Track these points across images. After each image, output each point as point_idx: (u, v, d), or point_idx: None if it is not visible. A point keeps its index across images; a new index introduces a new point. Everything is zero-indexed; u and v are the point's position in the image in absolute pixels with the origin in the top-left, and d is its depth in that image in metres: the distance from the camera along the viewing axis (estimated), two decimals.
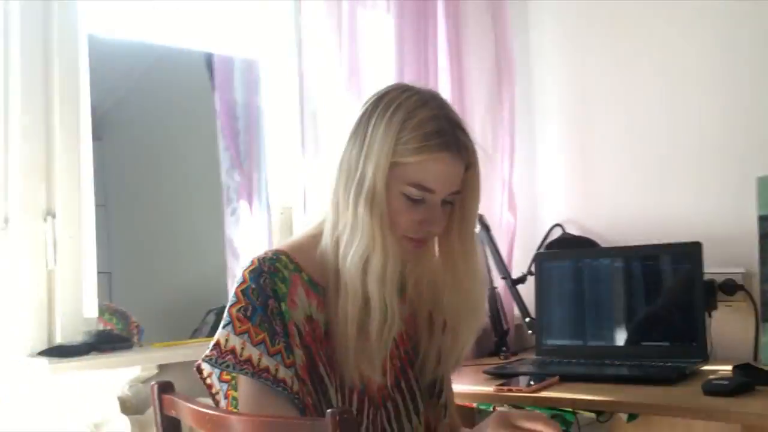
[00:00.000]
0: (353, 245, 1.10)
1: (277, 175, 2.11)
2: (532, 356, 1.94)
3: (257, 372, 1.06)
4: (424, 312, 1.24)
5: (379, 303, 1.09)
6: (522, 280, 2.10)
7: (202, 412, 0.99)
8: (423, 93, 1.15)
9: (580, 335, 1.89)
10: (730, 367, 1.55)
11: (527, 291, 2.07)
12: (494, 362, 1.93)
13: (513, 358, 1.99)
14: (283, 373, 1.06)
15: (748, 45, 1.89)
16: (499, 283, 2.12)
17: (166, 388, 1.10)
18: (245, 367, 1.06)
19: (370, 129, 1.12)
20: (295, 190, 2.13)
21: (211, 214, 2.19)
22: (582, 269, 1.92)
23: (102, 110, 3.07)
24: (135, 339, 1.92)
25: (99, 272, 1.72)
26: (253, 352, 1.06)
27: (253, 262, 1.13)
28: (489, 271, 2.10)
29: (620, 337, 1.82)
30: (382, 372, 1.14)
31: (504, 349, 2.07)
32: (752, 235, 1.78)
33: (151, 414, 1.60)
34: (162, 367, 1.65)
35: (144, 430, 1.53)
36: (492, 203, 2.21)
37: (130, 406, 1.61)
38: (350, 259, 1.10)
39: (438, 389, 1.25)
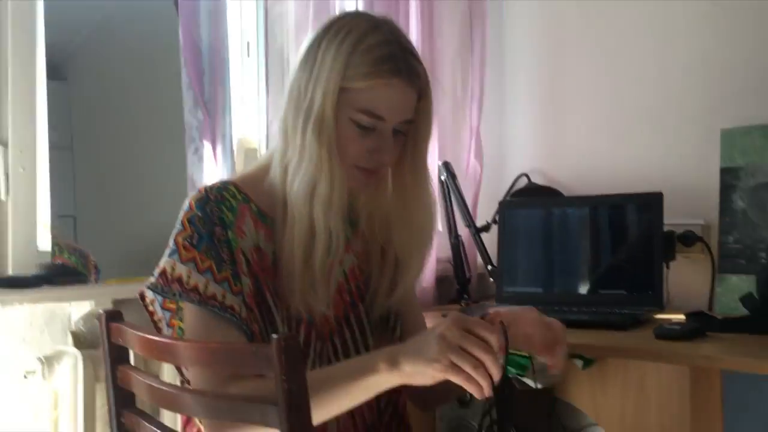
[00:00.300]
0: (300, 172, 1.08)
1: (242, 115, 2.07)
2: (492, 303, 1.95)
3: (204, 299, 1.04)
4: (376, 246, 1.23)
5: (324, 230, 1.08)
6: (486, 228, 2.10)
7: (150, 339, 0.98)
8: (375, 18, 1.13)
9: (540, 283, 1.90)
10: (683, 316, 1.57)
11: (491, 240, 2.07)
12: (455, 309, 1.94)
13: (473, 306, 2.00)
14: (230, 300, 1.05)
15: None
16: (463, 231, 2.12)
17: (114, 316, 1.09)
18: (192, 295, 1.05)
19: (319, 54, 1.09)
20: (259, 130, 2.10)
21: (175, 155, 2.15)
22: (545, 218, 1.92)
23: (67, 51, 2.98)
24: (93, 278, 1.90)
25: (64, 215, 1.70)
26: (199, 280, 1.05)
27: (199, 190, 1.11)
28: (453, 218, 2.10)
29: (579, 285, 1.83)
30: (326, 303, 1.13)
31: (465, 296, 2.08)
32: (713, 188, 1.79)
33: None
34: (117, 303, 1.62)
35: (97, 364, 1.51)
36: (459, 151, 2.20)
37: (83, 341, 1.60)
38: (297, 186, 1.08)
39: (392, 324, 1.25)
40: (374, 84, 1.07)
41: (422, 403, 1.33)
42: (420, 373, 0.93)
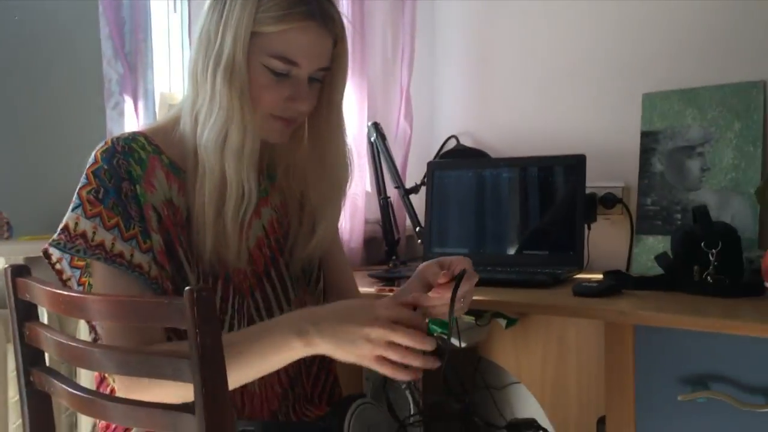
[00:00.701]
0: (210, 121, 1.05)
1: (166, 69, 2.00)
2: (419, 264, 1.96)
3: (111, 257, 1.01)
4: (294, 198, 1.21)
5: (236, 180, 1.05)
6: (415, 190, 2.10)
7: (57, 293, 0.94)
8: None
9: (465, 244, 1.91)
10: (602, 275, 1.61)
11: (420, 202, 2.07)
12: (383, 269, 1.95)
13: (402, 267, 2.01)
14: (139, 258, 1.02)
15: None
16: (392, 193, 2.11)
17: (20, 271, 1.04)
18: (98, 252, 1.01)
19: None
20: (184, 85, 2.04)
21: (93, 108, 2.06)
22: (473, 180, 1.93)
23: None
24: (5, 235, 1.82)
25: None
26: (105, 237, 1.01)
27: (106, 142, 1.07)
28: (383, 179, 2.09)
29: (503, 246, 1.86)
30: (239, 256, 1.10)
31: (394, 257, 2.09)
32: (634, 151, 1.83)
33: None
34: (29, 261, 1.56)
35: (8, 324, 1.46)
36: (389, 111, 2.18)
37: None
38: (207, 134, 1.05)
39: (315, 276, 1.23)
40: (287, 28, 1.04)
41: None
42: (341, 358, 0.96)
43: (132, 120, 1.92)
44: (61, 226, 1.04)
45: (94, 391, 1.02)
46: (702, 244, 1.44)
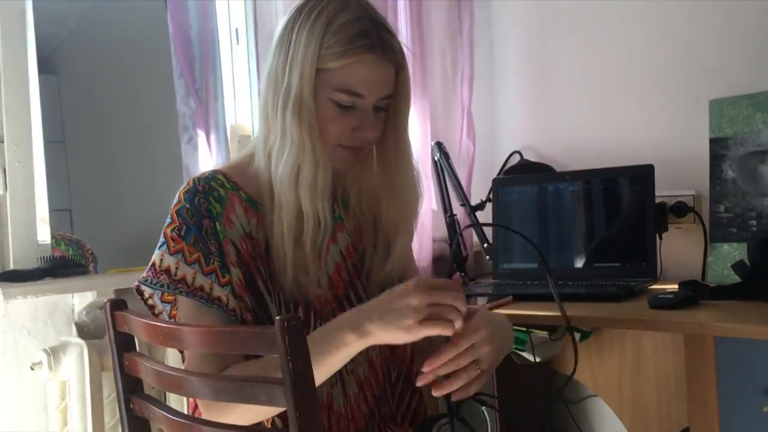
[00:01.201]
0: (284, 156, 1.10)
1: (234, 102, 2.08)
2: (489, 280, 1.98)
3: (192, 291, 1.07)
4: (368, 223, 1.25)
5: (311, 211, 1.10)
6: (481, 206, 2.11)
7: (154, 325, 1.00)
8: None
9: (535, 259, 1.91)
10: (677, 286, 1.59)
11: (486, 218, 2.09)
12: None
13: (471, 284, 2.03)
14: (218, 291, 1.07)
15: None
16: (458, 210, 2.13)
17: (119, 305, 1.11)
18: (180, 286, 1.07)
19: (294, 37, 1.10)
20: (253, 117, 2.11)
21: (169, 144, 2.16)
22: (538, 194, 1.94)
23: (55, 43, 2.97)
24: (90, 267, 1.92)
25: (58, 209, 1.70)
26: (187, 272, 1.07)
27: (188, 182, 1.13)
28: (448, 198, 2.11)
29: (574, 259, 1.86)
30: (318, 284, 1.14)
31: (462, 274, 2.10)
32: (703, 158, 1.81)
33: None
34: (119, 292, 1.64)
35: (102, 353, 1.54)
36: (452, 130, 2.21)
37: (87, 332, 1.62)
38: (281, 170, 1.10)
39: None
40: (349, 62, 1.08)
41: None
42: (394, 338, 0.99)
43: (205, 153, 2.00)
44: (150, 263, 1.10)
45: (193, 417, 1.07)
46: None
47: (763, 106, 1.72)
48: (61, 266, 1.58)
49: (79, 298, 1.61)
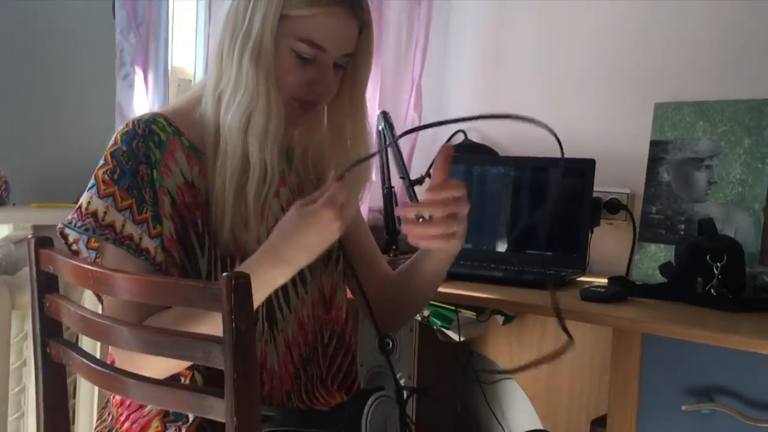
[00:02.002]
0: (235, 101, 1.05)
1: (178, 43, 1.98)
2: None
3: (119, 239, 1.01)
4: (311, 181, 1.21)
5: (258, 161, 1.06)
6: (420, 181, 2.10)
7: (86, 268, 0.94)
8: None
9: (469, 238, 1.91)
10: (604, 280, 1.63)
11: (423, 193, 2.08)
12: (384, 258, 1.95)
13: (402, 257, 2.02)
14: (147, 242, 1.03)
15: None
16: (397, 183, 2.12)
17: (44, 242, 1.03)
18: (107, 232, 1.02)
19: None
20: (196, 60, 2.02)
21: (101, 79, 2.04)
22: (479, 176, 1.94)
23: None
24: (3, 195, 1.80)
25: None
26: (116, 218, 1.02)
27: (127, 124, 1.07)
28: (388, 169, 2.09)
29: (507, 244, 1.88)
30: (258, 239, 1.09)
31: (394, 247, 2.09)
32: (642, 159, 1.85)
33: (22, 275, 1.52)
34: (37, 229, 1.55)
35: (15, 290, 1.45)
36: (399, 102, 2.19)
37: None
38: (231, 115, 1.05)
39: (334, 257, 1.24)
40: (316, 12, 1.05)
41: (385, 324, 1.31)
42: (315, 245, 0.99)
43: (141, 92, 1.91)
44: (77, 206, 1.03)
45: (119, 369, 1.02)
46: (707, 256, 1.46)
47: (705, 115, 1.77)
48: None
49: None
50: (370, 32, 1.13)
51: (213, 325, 0.83)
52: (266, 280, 0.98)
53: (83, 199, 1.04)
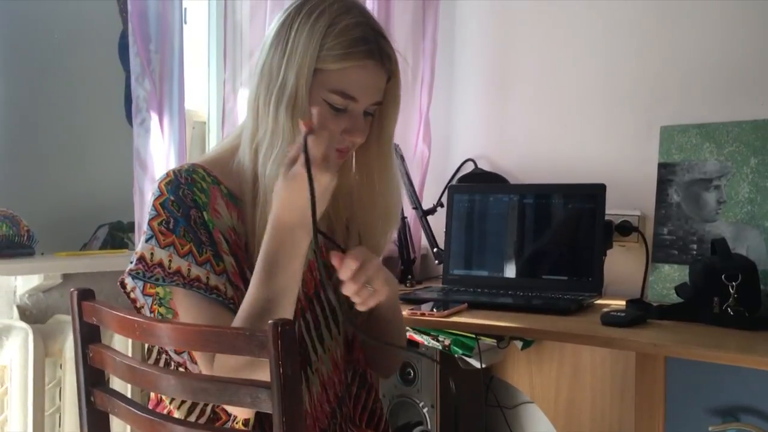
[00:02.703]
0: (273, 151, 1.09)
1: (192, 87, 2.03)
2: (437, 285, 2.01)
3: (188, 282, 1.04)
4: (341, 224, 1.25)
5: None
6: (432, 211, 2.15)
7: (131, 319, 0.97)
8: (346, 0, 1.13)
9: (484, 266, 1.96)
10: (621, 302, 1.66)
11: (435, 222, 2.12)
12: (400, 289, 1.99)
13: (419, 286, 2.06)
14: (214, 280, 1.06)
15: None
16: (410, 213, 2.16)
17: (86, 295, 1.07)
18: (176, 278, 1.04)
19: (293, 34, 1.09)
20: (210, 104, 2.07)
21: (115, 125, 2.08)
22: (491, 204, 1.98)
23: None
24: (26, 245, 1.82)
25: None
26: (181, 264, 1.05)
27: (168, 174, 1.10)
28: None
29: (522, 270, 1.91)
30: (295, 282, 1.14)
31: (410, 277, 2.13)
32: (651, 181, 1.89)
33: (53, 323, 1.55)
34: (66, 277, 1.59)
35: (46, 338, 1.48)
36: (408, 134, 2.23)
37: (29, 315, 1.56)
38: (270, 166, 1.09)
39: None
40: (348, 66, 1.08)
41: (379, 369, 1.34)
42: (293, 195, 1.01)
43: (158, 136, 1.94)
44: (135, 256, 1.07)
45: (164, 415, 1.05)
46: (722, 276, 1.49)
47: (711, 137, 1.81)
48: (5, 246, 1.51)
49: (23, 281, 1.54)
50: (397, 80, 1.17)
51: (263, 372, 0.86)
52: (290, 247, 1.02)
53: (144, 251, 1.07)
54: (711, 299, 1.50)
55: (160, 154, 1.89)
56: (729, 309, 1.47)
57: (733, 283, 1.48)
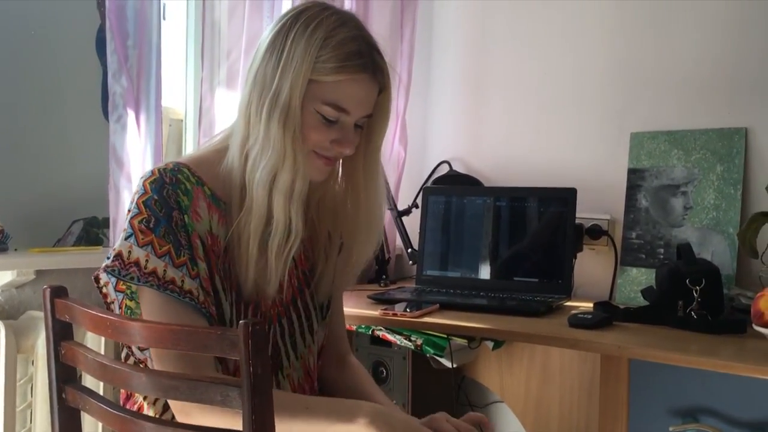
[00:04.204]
0: (263, 160, 1.09)
1: (169, 85, 2.03)
2: (411, 285, 2.03)
3: (163, 284, 1.05)
4: (323, 233, 1.26)
5: (283, 219, 1.10)
6: (407, 212, 2.17)
7: (103, 317, 0.98)
8: (342, 13, 1.15)
9: (457, 267, 1.99)
10: (590, 304, 1.70)
11: (410, 223, 2.14)
12: (374, 289, 2.01)
13: (393, 286, 2.08)
14: (189, 284, 1.06)
15: (633, 8, 2.00)
16: (385, 214, 2.18)
17: (59, 292, 1.07)
18: (150, 279, 1.05)
19: (288, 44, 1.10)
20: (187, 102, 2.07)
21: (92, 120, 2.08)
22: (465, 206, 2.01)
23: None
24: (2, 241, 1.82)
25: None
26: (158, 264, 1.05)
27: (153, 172, 1.10)
28: None
29: (494, 272, 1.94)
30: (278, 288, 1.15)
31: (384, 276, 2.15)
32: (621, 186, 1.93)
33: (25, 319, 1.55)
34: (39, 273, 1.59)
35: (19, 335, 1.48)
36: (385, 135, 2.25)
37: (2, 311, 1.55)
38: (259, 174, 1.10)
39: (327, 311, 1.29)
40: (342, 78, 1.10)
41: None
42: None
43: (134, 134, 1.95)
44: (113, 253, 1.07)
45: (135, 412, 1.06)
46: (687, 280, 1.53)
47: (679, 143, 1.85)
48: None
49: None
50: (388, 94, 1.18)
51: None
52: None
53: (122, 248, 1.07)
54: (676, 303, 1.54)
55: (136, 151, 1.89)
56: (693, 312, 1.51)
57: (697, 288, 1.52)
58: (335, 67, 1.09)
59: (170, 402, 1.04)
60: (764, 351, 1.28)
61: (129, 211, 1.08)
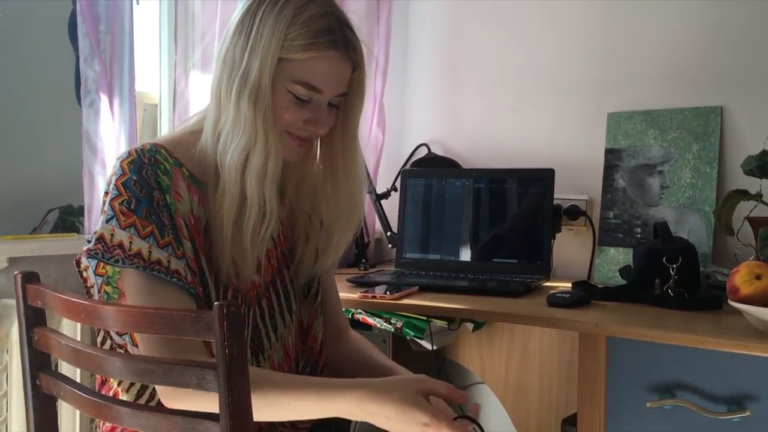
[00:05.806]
0: (234, 141, 1.08)
1: (143, 69, 2.00)
2: (390, 268, 2.03)
3: (149, 265, 1.03)
4: (303, 214, 1.25)
5: (257, 200, 1.09)
6: (386, 195, 2.16)
7: (76, 302, 0.97)
8: None
9: (436, 250, 1.99)
10: (568, 284, 1.71)
11: (389, 206, 2.14)
12: (354, 272, 2.01)
13: (372, 270, 2.07)
14: (175, 264, 1.05)
15: None
16: (366, 195, 2.17)
17: (31, 277, 1.06)
18: (136, 261, 1.03)
19: (256, 23, 1.08)
20: (162, 86, 2.04)
21: (66, 107, 2.04)
22: (444, 188, 2.01)
23: None
24: None
25: None
26: (142, 245, 1.03)
27: (130, 153, 1.08)
28: None
29: (474, 253, 1.94)
30: (255, 269, 1.15)
31: (363, 260, 2.15)
32: (598, 166, 1.94)
33: None
34: (12, 261, 1.56)
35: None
36: (363, 118, 2.22)
37: None
38: (230, 156, 1.08)
39: (314, 290, 1.28)
40: (312, 56, 1.08)
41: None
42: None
43: (107, 119, 1.92)
44: (95, 236, 1.05)
45: (111, 397, 1.04)
46: (663, 258, 1.54)
47: (655, 123, 1.86)
48: None
49: None
50: (362, 72, 1.17)
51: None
52: (339, 408, 0.99)
53: (104, 231, 1.04)
54: (653, 281, 1.55)
55: (110, 137, 1.86)
56: (669, 290, 1.52)
57: (674, 266, 1.53)
58: (304, 44, 1.08)
59: (157, 387, 1.02)
60: (740, 326, 1.29)
61: (107, 193, 1.06)
